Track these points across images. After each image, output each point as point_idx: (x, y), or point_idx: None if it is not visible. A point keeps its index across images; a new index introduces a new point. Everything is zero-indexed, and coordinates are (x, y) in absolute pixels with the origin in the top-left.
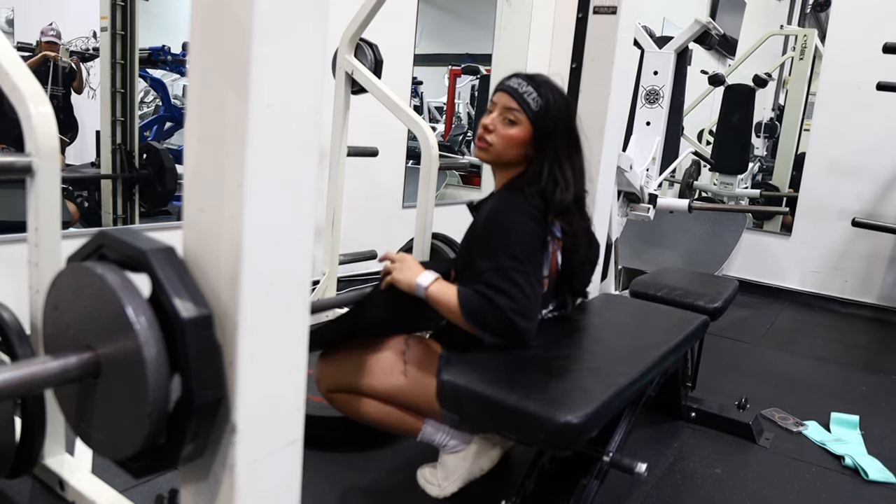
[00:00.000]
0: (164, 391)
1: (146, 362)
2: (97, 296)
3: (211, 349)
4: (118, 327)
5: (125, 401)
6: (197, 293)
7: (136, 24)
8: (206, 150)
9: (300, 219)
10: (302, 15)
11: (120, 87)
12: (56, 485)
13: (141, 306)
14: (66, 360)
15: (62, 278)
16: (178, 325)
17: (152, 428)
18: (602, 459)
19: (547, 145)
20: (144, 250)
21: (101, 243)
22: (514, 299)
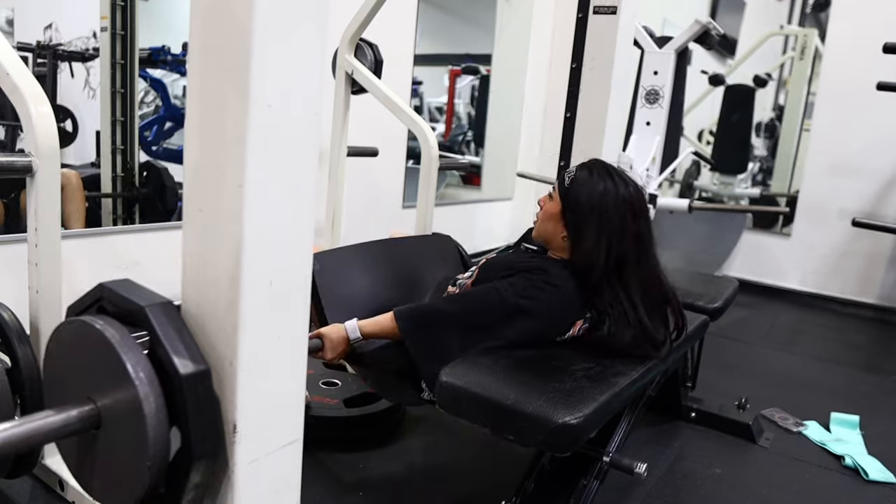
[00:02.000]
0: (164, 444)
1: (146, 416)
2: (97, 350)
3: (209, 403)
4: (119, 381)
5: (126, 452)
6: (195, 348)
7: (136, 24)
8: (206, 150)
9: (300, 219)
10: (302, 15)
11: (120, 87)
12: (56, 485)
13: (140, 361)
14: (67, 414)
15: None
16: (177, 381)
17: (153, 479)
18: (602, 460)
19: (571, 218)
20: (142, 306)
21: (100, 296)
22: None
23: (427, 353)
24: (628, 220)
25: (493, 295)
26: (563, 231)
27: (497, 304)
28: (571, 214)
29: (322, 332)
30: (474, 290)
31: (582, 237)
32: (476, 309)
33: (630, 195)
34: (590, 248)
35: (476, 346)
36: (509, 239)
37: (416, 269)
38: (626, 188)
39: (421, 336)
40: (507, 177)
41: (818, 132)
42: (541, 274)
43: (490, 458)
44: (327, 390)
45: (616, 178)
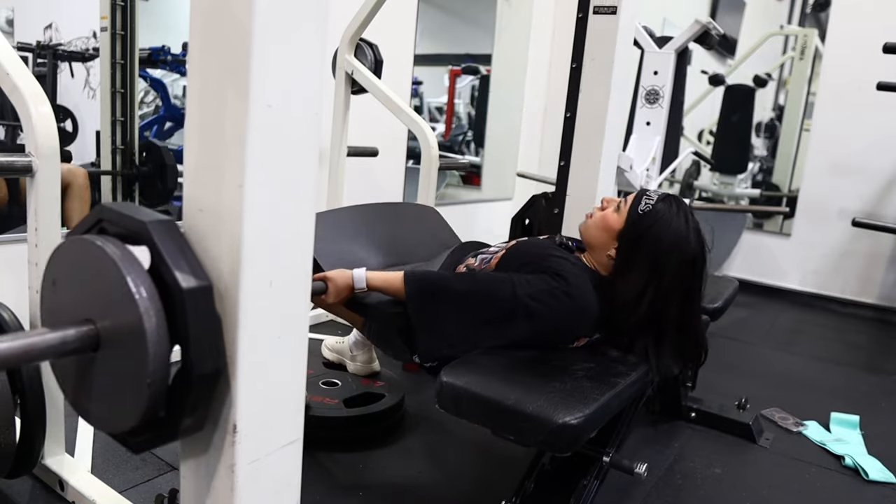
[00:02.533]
0: (164, 361)
1: (147, 332)
2: (97, 268)
3: (211, 320)
4: (118, 299)
5: (125, 373)
6: (197, 264)
7: (136, 24)
8: (206, 150)
9: (300, 219)
10: (302, 15)
11: (120, 87)
12: (56, 485)
13: (141, 277)
14: (64, 333)
15: (61, 253)
16: (178, 295)
17: (152, 399)
18: (602, 460)
19: (628, 247)
20: (144, 222)
21: (100, 217)
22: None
23: (425, 323)
24: (686, 278)
25: (506, 287)
26: (612, 250)
27: (507, 297)
28: (631, 245)
29: (328, 274)
30: (489, 276)
31: (630, 273)
32: (485, 295)
33: (696, 255)
34: (633, 291)
35: (474, 332)
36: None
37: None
38: (697, 245)
39: (424, 303)
40: (507, 177)
41: (818, 132)
42: (561, 282)
43: (490, 458)
44: (327, 390)
45: (691, 229)
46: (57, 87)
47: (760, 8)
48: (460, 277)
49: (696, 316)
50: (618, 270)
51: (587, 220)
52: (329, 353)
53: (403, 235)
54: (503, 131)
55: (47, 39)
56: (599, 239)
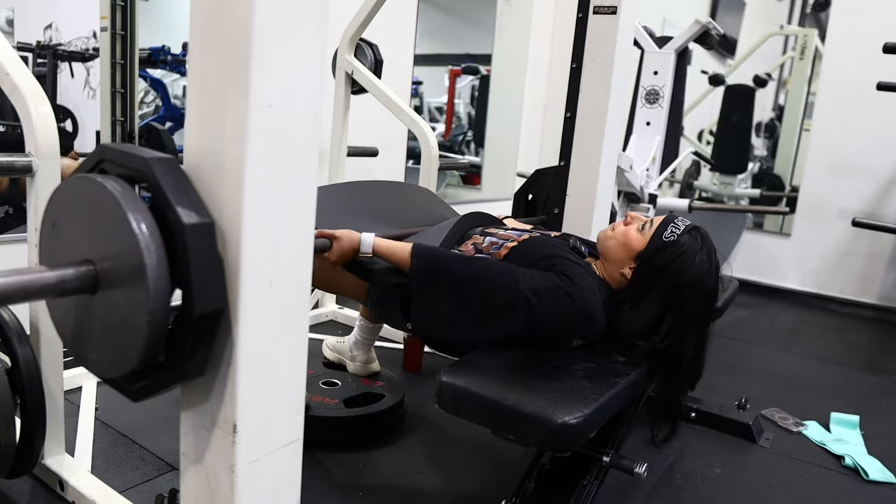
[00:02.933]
0: (164, 299)
1: (147, 268)
2: (97, 206)
3: (212, 257)
4: (118, 235)
5: (124, 314)
6: (199, 201)
7: (136, 24)
8: (205, 150)
9: (300, 219)
10: (302, 15)
11: (120, 87)
12: (56, 485)
13: (142, 213)
14: (63, 272)
15: (61, 192)
16: (180, 231)
17: (151, 339)
18: (602, 460)
19: (647, 272)
20: (146, 158)
21: (101, 157)
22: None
23: (425, 299)
24: (700, 318)
25: (510, 278)
26: (627, 269)
27: (510, 288)
28: (650, 271)
29: (336, 233)
30: (496, 265)
31: (644, 301)
32: (488, 282)
33: (713, 292)
34: (648, 321)
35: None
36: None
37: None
38: (715, 282)
39: (427, 280)
40: (507, 177)
41: (818, 132)
42: (566, 281)
43: (490, 458)
44: (327, 390)
45: (713, 268)
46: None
47: (760, 8)
48: (468, 261)
49: (704, 352)
50: (633, 293)
51: (608, 231)
52: (329, 353)
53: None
54: (503, 131)
55: (47, 39)
56: (617, 254)
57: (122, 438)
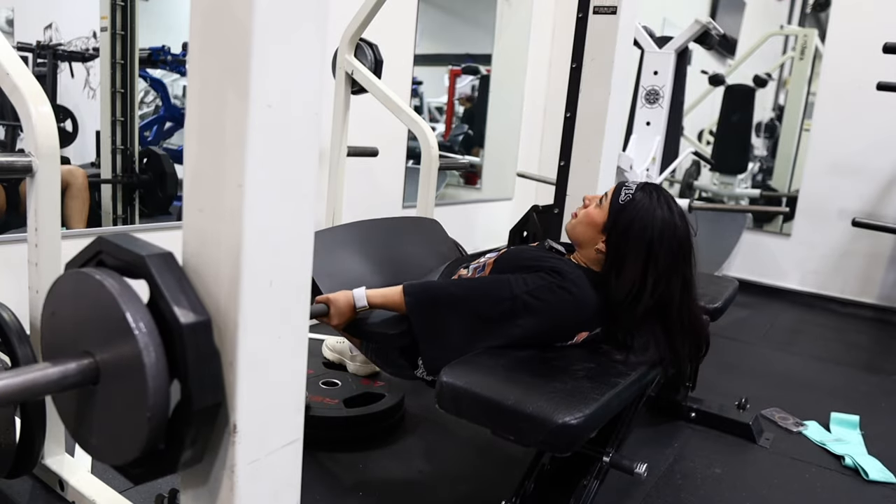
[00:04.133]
0: (163, 396)
1: (146, 367)
2: (96, 301)
3: (210, 354)
4: (118, 333)
5: (125, 406)
6: (195, 299)
7: (136, 24)
8: (206, 150)
9: (300, 219)
10: (302, 15)
11: (120, 87)
12: (56, 485)
13: (140, 312)
14: (65, 367)
15: (60, 285)
16: (177, 330)
17: (152, 433)
18: (602, 460)
19: (616, 239)
20: (143, 256)
21: (99, 249)
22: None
23: (429, 332)
24: (679, 263)
25: (504, 287)
26: (600, 244)
27: (506, 297)
28: (618, 236)
29: (330, 297)
30: (486, 279)
31: (623, 265)
32: (484, 298)
33: (684, 238)
34: (630, 281)
35: (477, 336)
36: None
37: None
38: (683, 227)
39: (425, 313)
40: (507, 177)
41: (818, 132)
42: (557, 277)
43: (490, 458)
44: (327, 390)
45: (675, 213)
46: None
47: (760, 8)
48: (457, 283)
49: (695, 303)
50: (612, 264)
51: (573, 220)
52: (329, 353)
53: (402, 251)
54: (503, 131)
55: (47, 39)
56: (586, 235)
57: None
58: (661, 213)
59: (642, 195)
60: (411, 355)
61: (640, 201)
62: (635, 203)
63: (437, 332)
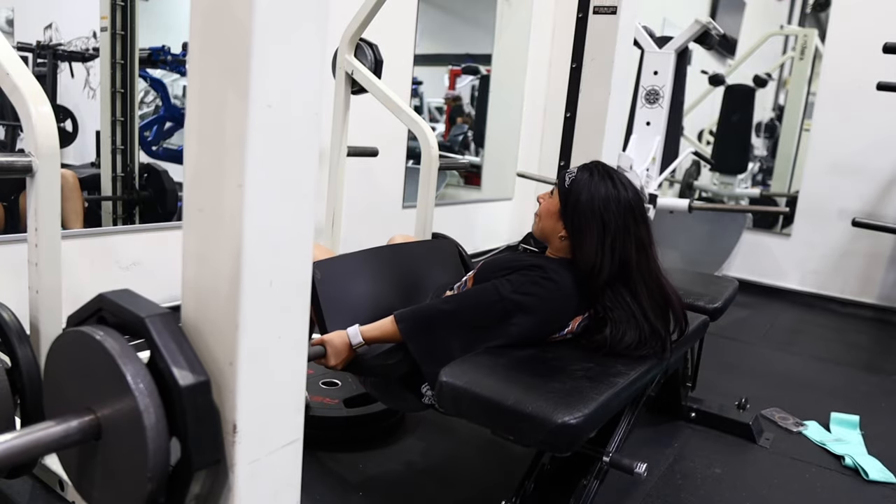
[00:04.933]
0: (163, 455)
1: (146, 428)
2: (97, 361)
3: (208, 414)
4: (119, 392)
5: (126, 462)
6: (194, 359)
7: (136, 24)
8: (206, 150)
9: (300, 219)
10: (302, 15)
11: (120, 87)
12: (56, 485)
13: (140, 372)
14: (68, 425)
15: (62, 342)
16: (177, 392)
17: (152, 490)
18: (602, 460)
19: (571, 219)
20: (142, 317)
21: (99, 307)
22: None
23: (428, 353)
24: (630, 225)
25: (490, 293)
26: (561, 230)
27: (495, 301)
28: (571, 215)
29: (325, 338)
30: (472, 289)
31: (583, 239)
32: (474, 306)
33: (630, 200)
34: (592, 252)
35: (476, 344)
36: (509, 239)
37: (418, 275)
38: (627, 192)
39: (421, 335)
40: (507, 177)
41: (818, 132)
42: (537, 270)
43: (490, 458)
44: (327, 390)
45: (617, 182)
46: (57, 87)
47: (760, 8)
48: (445, 300)
49: (656, 266)
50: (573, 243)
51: (536, 221)
52: None
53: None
54: (503, 131)
55: (47, 39)
56: (547, 227)
57: None
58: (602, 186)
59: (582, 173)
60: (413, 384)
61: (581, 180)
62: (578, 182)
63: (437, 350)
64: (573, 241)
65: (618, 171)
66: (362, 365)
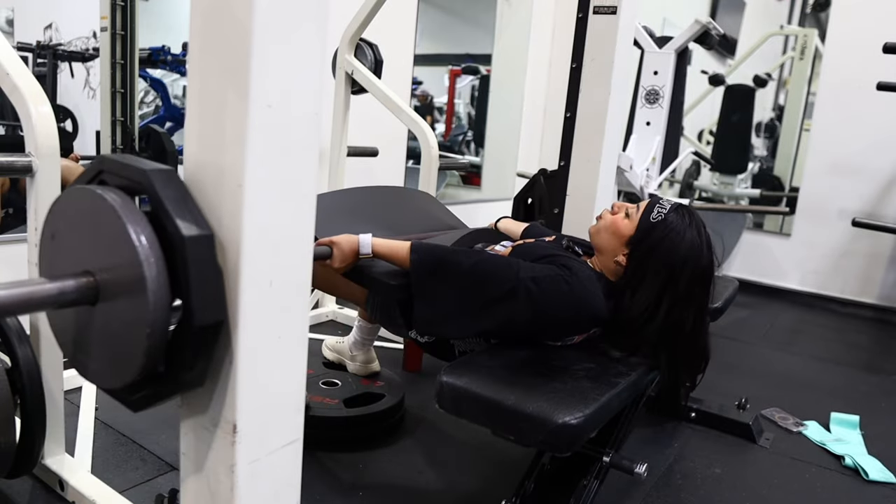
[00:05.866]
0: (164, 311)
1: (147, 280)
2: (97, 217)
3: (212, 269)
4: (118, 247)
5: (124, 325)
6: (199, 214)
7: (136, 24)
8: (205, 150)
9: (300, 219)
10: (302, 15)
11: (120, 87)
12: (56, 485)
13: (142, 225)
14: (63, 283)
15: (60, 204)
16: (179, 243)
17: (152, 351)
18: (602, 460)
19: (640, 257)
20: (145, 170)
21: (101, 168)
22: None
23: (426, 294)
24: (697, 293)
25: (511, 268)
26: (621, 256)
27: (510, 277)
28: (643, 253)
29: (334, 239)
30: (497, 258)
31: (642, 284)
32: (489, 274)
33: (708, 267)
34: (644, 303)
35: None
36: None
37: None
38: (709, 257)
39: (427, 275)
40: (507, 177)
41: (818, 132)
42: (565, 271)
43: (490, 458)
44: (327, 390)
45: (703, 242)
46: (57, 87)
47: (760, 8)
48: (467, 253)
49: (706, 329)
50: (630, 278)
51: (598, 223)
52: (329, 353)
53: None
54: (503, 131)
55: (47, 39)
56: (609, 243)
57: (122, 438)
58: (689, 238)
59: (675, 217)
60: (409, 314)
61: (671, 222)
62: (667, 223)
63: (435, 296)
64: (630, 277)
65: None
66: (364, 274)
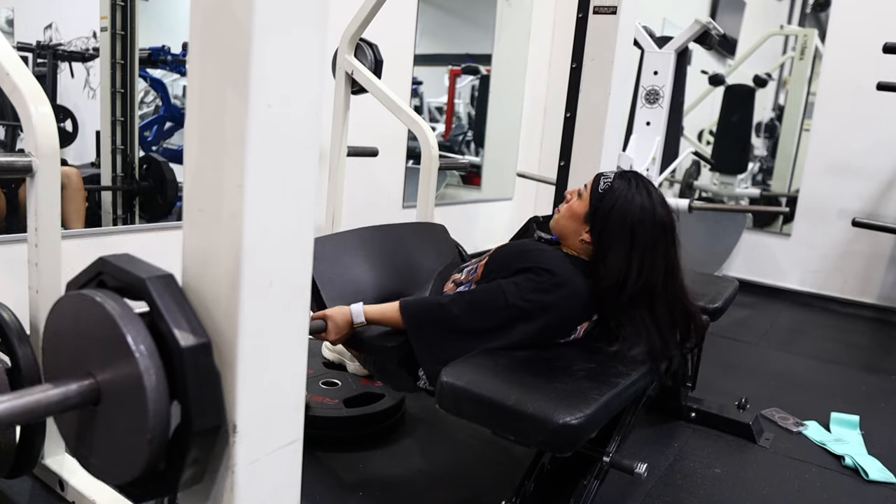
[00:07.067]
0: (164, 418)
1: (147, 390)
2: (97, 323)
3: (210, 376)
4: (118, 355)
5: (125, 427)
6: (196, 321)
7: (136, 24)
8: (206, 150)
9: (300, 219)
10: (302, 15)
11: (120, 87)
12: (56, 485)
13: (141, 334)
14: (66, 388)
15: (61, 306)
16: (178, 353)
17: (152, 454)
18: (602, 460)
19: (599, 227)
20: (143, 278)
21: (100, 270)
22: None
23: (429, 351)
24: (661, 246)
25: (498, 297)
26: (584, 234)
27: (502, 307)
28: (601, 223)
29: (327, 313)
30: (480, 290)
31: (609, 252)
32: (480, 312)
33: (665, 221)
34: (616, 267)
35: (477, 346)
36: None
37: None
38: (664, 211)
39: (424, 332)
40: (506, 177)
41: (818, 132)
42: (547, 275)
43: (490, 458)
44: (327, 390)
45: (655, 198)
46: (57, 87)
47: (760, 8)
48: (453, 300)
49: (682, 288)
50: (597, 252)
51: (555, 216)
52: (329, 353)
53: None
54: (503, 131)
55: (47, 39)
56: (570, 227)
57: None
58: (639, 199)
59: (620, 182)
60: (411, 366)
61: (618, 188)
62: (614, 190)
63: (437, 347)
64: (597, 249)
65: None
66: (362, 342)
